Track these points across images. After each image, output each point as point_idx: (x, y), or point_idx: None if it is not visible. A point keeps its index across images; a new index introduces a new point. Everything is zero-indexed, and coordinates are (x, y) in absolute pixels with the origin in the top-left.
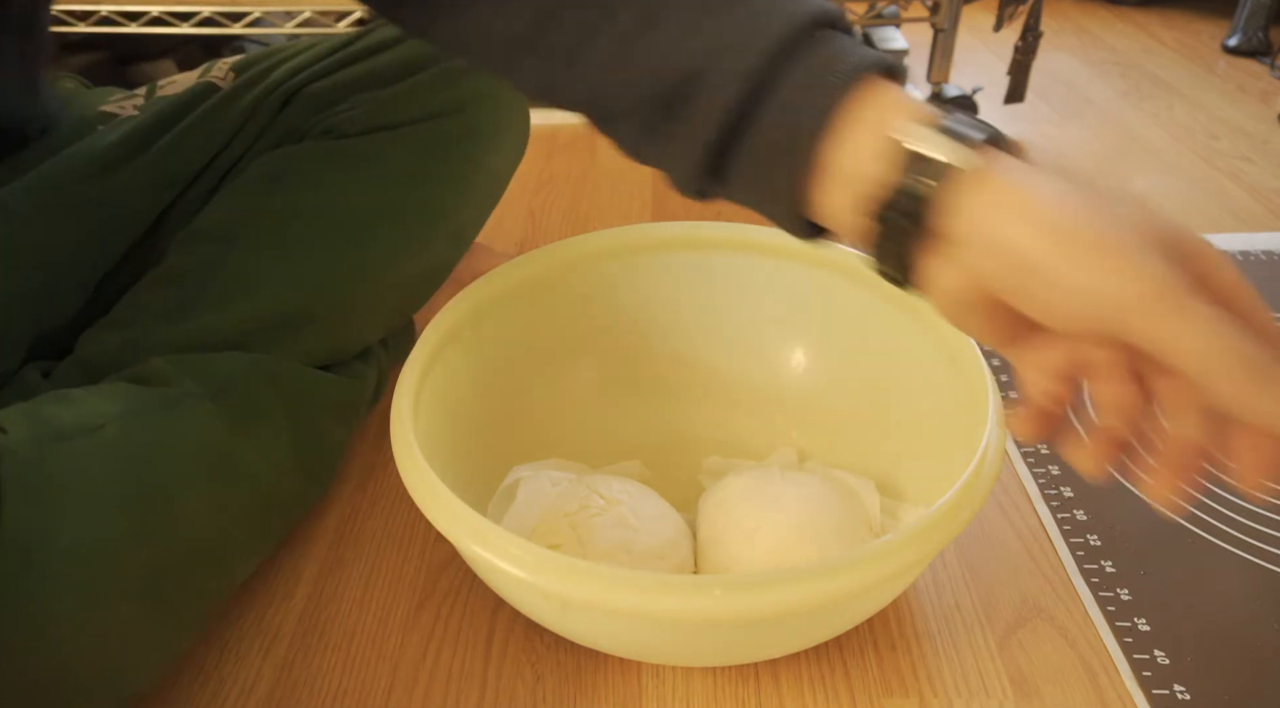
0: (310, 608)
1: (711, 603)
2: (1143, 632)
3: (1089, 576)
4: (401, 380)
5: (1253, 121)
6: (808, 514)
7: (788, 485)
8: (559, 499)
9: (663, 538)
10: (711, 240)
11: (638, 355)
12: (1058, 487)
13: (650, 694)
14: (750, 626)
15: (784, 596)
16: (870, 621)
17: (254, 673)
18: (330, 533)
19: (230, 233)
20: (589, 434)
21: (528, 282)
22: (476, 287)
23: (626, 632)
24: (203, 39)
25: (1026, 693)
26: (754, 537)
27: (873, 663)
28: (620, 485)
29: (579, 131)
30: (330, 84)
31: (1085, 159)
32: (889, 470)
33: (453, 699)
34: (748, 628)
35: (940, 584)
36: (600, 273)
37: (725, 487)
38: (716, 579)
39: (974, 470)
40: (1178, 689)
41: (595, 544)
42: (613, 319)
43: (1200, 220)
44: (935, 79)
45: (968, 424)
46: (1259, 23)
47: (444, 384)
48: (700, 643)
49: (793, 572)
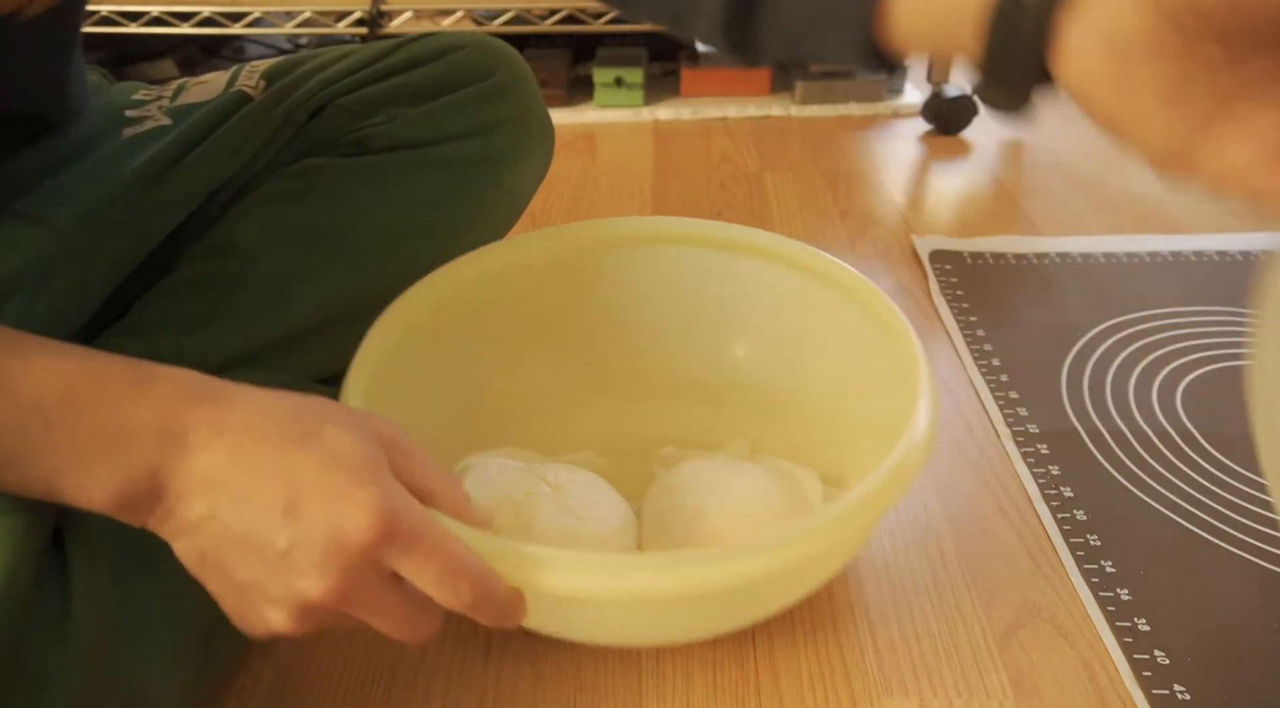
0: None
1: (628, 583)
2: (1143, 632)
3: (1089, 576)
4: (354, 367)
5: None
6: (750, 500)
7: (733, 473)
8: (506, 486)
9: (608, 525)
10: (668, 235)
11: (594, 349)
12: (1058, 487)
13: (650, 695)
14: (672, 604)
15: (704, 574)
16: (870, 620)
17: (254, 673)
18: None
19: (254, 247)
20: (545, 425)
21: (485, 275)
22: (435, 278)
23: (553, 610)
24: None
25: (1026, 693)
26: (696, 521)
27: (873, 663)
28: (568, 473)
29: (579, 131)
30: (362, 97)
31: (1085, 159)
32: (834, 461)
33: (453, 699)
34: (671, 606)
35: (940, 584)
36: (557, 268)
37: (673, 474)
38: (638, 558)
39: (900, 456)
40: (1178, 689)
41: (539, 530)
42: (569, 313)
43: (1200, 220)
44: (935, 79)
45: (904, 415)
46: None
47: (399, 374)
48: (629, 621)
49: (713, 552)
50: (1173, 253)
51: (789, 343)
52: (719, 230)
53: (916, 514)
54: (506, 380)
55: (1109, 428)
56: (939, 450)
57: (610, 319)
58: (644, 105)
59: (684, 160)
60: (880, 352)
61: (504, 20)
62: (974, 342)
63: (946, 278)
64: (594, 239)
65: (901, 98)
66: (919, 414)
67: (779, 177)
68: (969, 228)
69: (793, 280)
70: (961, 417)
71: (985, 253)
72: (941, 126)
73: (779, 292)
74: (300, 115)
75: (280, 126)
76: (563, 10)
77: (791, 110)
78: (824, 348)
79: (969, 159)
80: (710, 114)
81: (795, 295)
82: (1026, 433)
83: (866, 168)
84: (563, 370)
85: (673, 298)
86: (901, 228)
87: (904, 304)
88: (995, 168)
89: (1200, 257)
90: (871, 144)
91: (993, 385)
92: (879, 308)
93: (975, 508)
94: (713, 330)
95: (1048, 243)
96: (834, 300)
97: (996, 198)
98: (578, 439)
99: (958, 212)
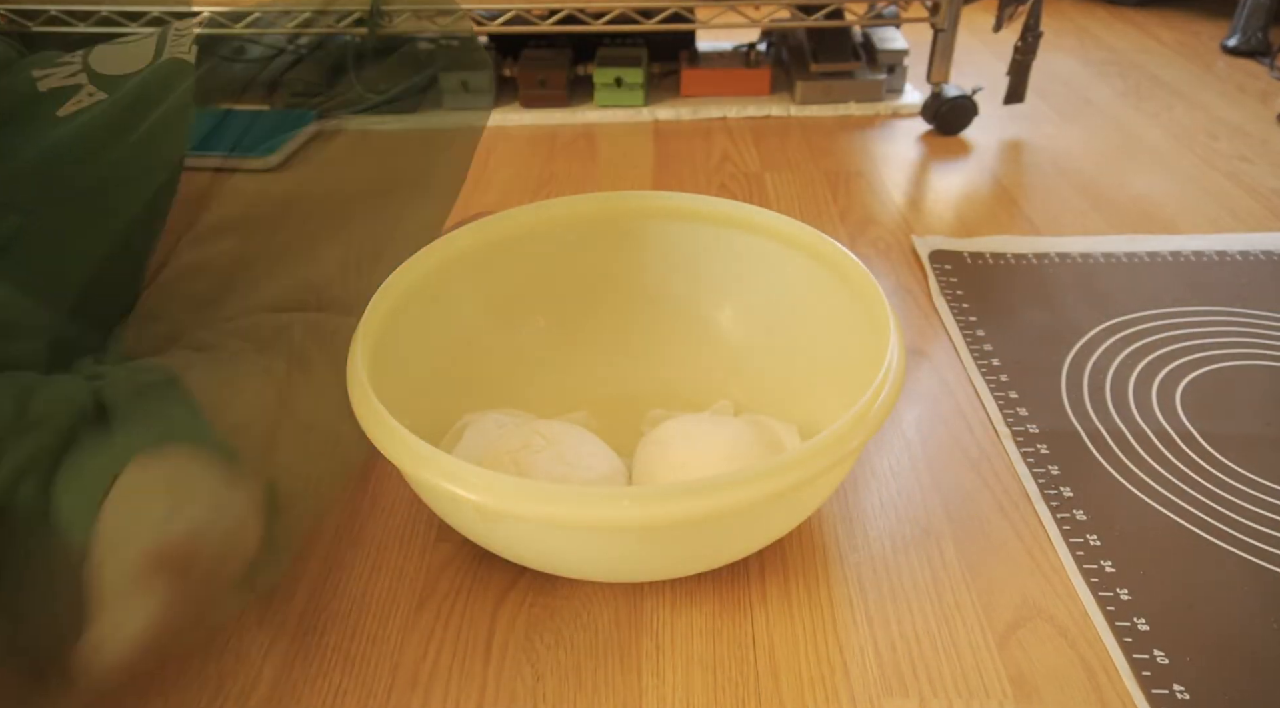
0: (310, 608)
1: (618, 511)
2: (1142, 632)
3: (1089, 576)
4: (359, 332)
5: (1252, 122)
6: (732, 451)
7: (717, 427)
8: (504, 439)
9: (598, 473)
10: (657, 210)
11: (587, 315)
12: (1058, 487)
13: (650, 694)
14: (654, 533)
15: (686, 506)
16: (870, 620)
17: (254, 673)
18: (330, 533)
19: (239, 223)
20: (539, 388)
21: (484, 244)
22: (435, 246)
23: (544, 542)
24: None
25: (1026, 693)
26: (681, 471)
27: (873, 663)
28: (562, 428)
29: (579, 131)
30: (312, 67)
31: (1085, 159)
32: (813, 417)
33: (453, 699)
34: (654, 536)
35: (940, 584)
36: (553, 238)
37: (661, 429)
38: (627, 490)
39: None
40: (1177, 689)
41: (534, 477)
42: (564, 281)
43: (1200, 220)
44: (935, 79)
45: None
46: (1258, 23)
47: (400, 338)
48: (616, 552)
49: (694, 484)
50: (1172, 253)
51: (770, 308)
52: (707, 204)
53: (916, 514)
54: (504, 345)
55: (1109, 428)
56: (939, 450)
57: (603, 288)
58: (644, 105)
59: (684, 160)
60: (853, 314)
61: (504, 20)
62: (974, 342)
63: (946, 278)
64: (591, 211)
65: (901, 98)
66: (887, 360)
67: (779, 176)
68: (969, 228)
69: (774, 251)
70: (961, 417)
71: (985, 253)
72: (941, 127)
73: (761, 261)
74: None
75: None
76: (563, 10)
77: (791, 110)
78: (802, 312)
79: (969, 159)
80: (710, 114)
81: (775, 264)
82: (1026, 433)
83: (866, 168)
84: (558, 335)
85: (662, 267)
86: (901, 228)
87: (903, 304)
88: (995, 168)
89: (1200, 257)
90: (871, 144)
91: (992, 385)
92: (852, 273)
93: (975, 508)
94: (700, 297)
95: (1048, 243)
96: (811, 268)
97: (996, 198)
98: (571, 401)
99: (957, 212)
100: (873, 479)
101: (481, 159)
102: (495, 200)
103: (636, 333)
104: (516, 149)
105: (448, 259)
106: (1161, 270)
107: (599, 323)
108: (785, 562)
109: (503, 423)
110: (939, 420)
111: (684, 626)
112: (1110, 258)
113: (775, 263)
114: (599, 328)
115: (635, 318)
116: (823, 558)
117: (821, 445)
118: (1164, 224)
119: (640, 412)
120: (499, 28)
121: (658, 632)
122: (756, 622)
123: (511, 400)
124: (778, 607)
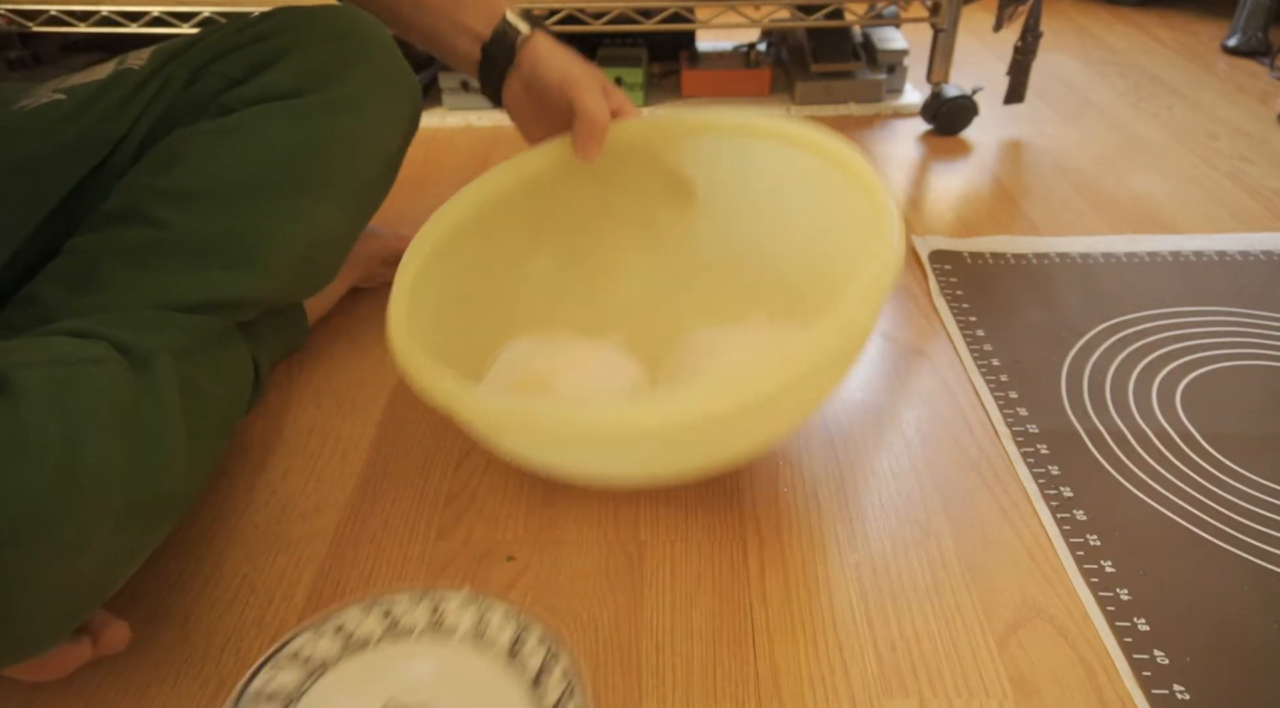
0: (310, 608)
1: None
2: (1142, 632)
3: (1089, 576)
4: (403, 264)
5: (1252, 122)
6: (746, 354)
7: (742, 333)
8: (534, 360)
9: (617, 388)
10: (685, 127)
11: (623, 241)
12: (1058, 487)
13: (650, 695)
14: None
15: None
16: (870, 620)
17: None
18: (330, 532)
19: (129, 213)
20: (580, 313)
21: (521, 179)
22: (480, 182)
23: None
24: None
25: (1026, 693)
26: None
27: (872, 663)
28: (589, 348)
29: None
30: (230, 61)
31: (1085, 159)
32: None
33: None
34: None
35: (940, 584)
36: (589, 171)
37: (685, 340)
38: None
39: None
40: (1177, 689)
41: (557, 394)
42: (603, 208)
43: (1200, 220)
44: (935, 79)
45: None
46: (1258, 23)
47: (447, 269)
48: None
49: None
50: (1172, 253)
51: (795, 216)
52: (731, 117)
53: (916, 514)
54: (545, 273)
55: (1108, 428)
56: (939, 450)
57: (635, 211)
58: (645, 105)
59: None
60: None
61: None
62: (974, 342)
63: (946, 278)
64: (622, 139)
65: (901, 98)
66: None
67: None
68: (969, 228)
69: (795, 158)
70: (961, 417)
71: (985, 253)
72: (941, 127)
73: (783, 170)
74: (177, 81)
75: (162, 87)
76: (563, 10)
77: (791, 110)
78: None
79: (969, 159)
80: None
81: (796, 172)
82: (1026, 433)
83: None
84: (595, 262)
85: (698, 184)
86: None
87: (903, 304)
88: (995, 168)
89: (1200, 257)
90: (871, 144)
91: (992, 385)
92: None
93: (975, 508)
94: (729, 212)
95: (1048, 243)
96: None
97: (996, 198)
98: (611, 323)
99: (957, 212)
100: (873, 479)
101: (482, 158)
102: None
103: (672, 253)
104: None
105: (487, 195)
106: (1161, 270)
107: (635, 247)
108: (785, 562)
109: (539, 347)
110: (939, 420)
111: (684, 626)
112: (1110, 258)
113: (804, 173)
114: (635, 252)
115: (670, 237)
116: (823, 558)
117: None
118: (1164, 224)
119: (681, 329)
120: None
121: (658, 632)
122: (756, 622)
123: (555, 323)
124: (778, 607)
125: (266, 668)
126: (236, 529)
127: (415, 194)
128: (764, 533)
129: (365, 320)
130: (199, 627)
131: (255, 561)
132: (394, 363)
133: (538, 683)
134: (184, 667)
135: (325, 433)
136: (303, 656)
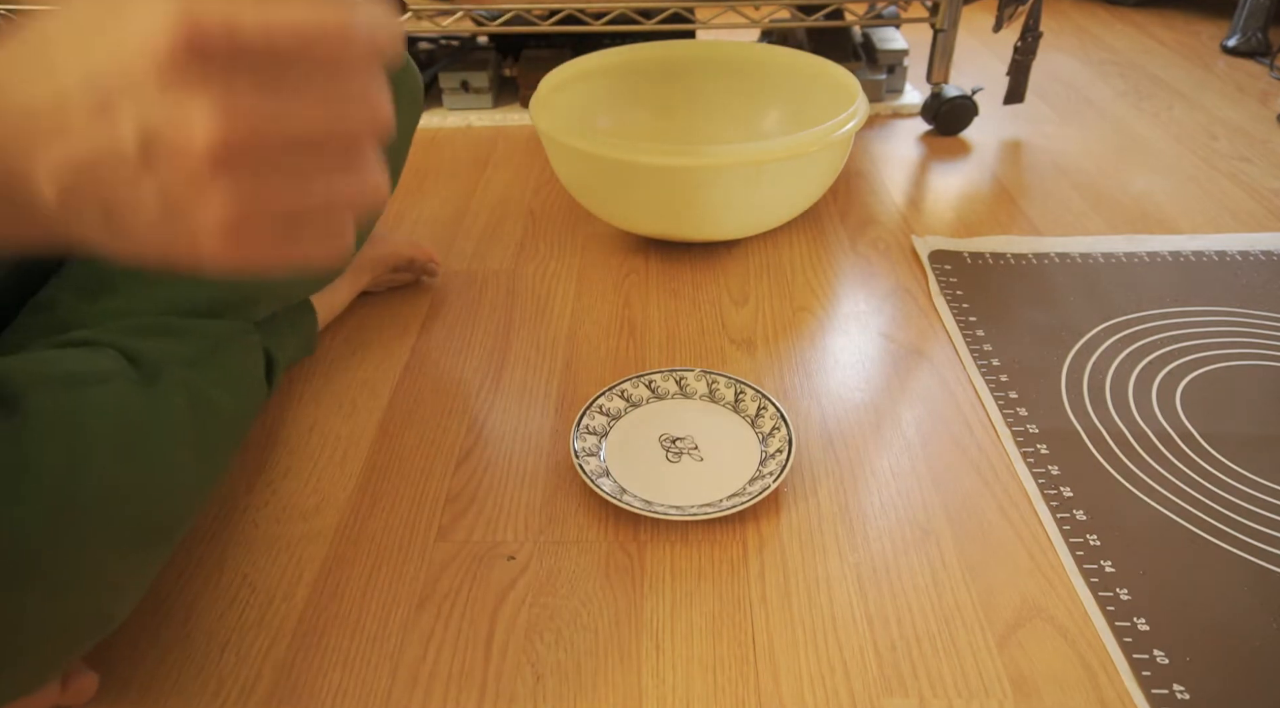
0: (310, 608)
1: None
2: (1142, 632)
3: (1089, 576)
4: (543, 83)
5: (1252, 122)
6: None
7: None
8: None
9: None
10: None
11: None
12: (1058, 487)
13: (650, 694)
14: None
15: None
16: (870, 620)
17: (254, 672)
18: (330, 533)
19: None
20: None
21: (606, 64)
22: (581, 60)
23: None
24: None
25: (1026, 693)
26: None
27: (873, 663)
28: None
29: None
30: None
31: (1085, 159)
32: None
33: (452, 700)
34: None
35: (940, 584)
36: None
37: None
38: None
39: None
40: (1177, 689)
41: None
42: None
43: (1200, 220)
44: (935, 79)
45: None
46: (1258, 23)
47: (570, 95)
48: (698, 197)
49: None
50: (1172, 253)
51: (797, 114)
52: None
53: (916, 514)
54: (617, 124)
55: (1108, 428)
56: (939, 450)
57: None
58: None
59: None
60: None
61: (504, 20)
62: (974, 342)
63: (946, 278)
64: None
65: (901, 98)
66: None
67: None
68: (969, 228)
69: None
70: (961, 417)
71: (985, 253)
72: (941, 127)
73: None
74: None
75: None
76: (563, 10)
77: None
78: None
79: (969, 159)
80: None
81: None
82: (1026, 433)
83: (866, 168)
84: (658, 120)
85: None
86: (901, 228)
87: (903, 304)
88: (995, 168)
89: (1200, 257)
90: (871, 144)
91: (992, 385)
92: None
93: (975, 508)
94: (750, 111)
95: (1047, 243)
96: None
97: (996, 198)
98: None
99: (957, 212)
100: (873, 479)
101: (482, 159)
102: (496, 199)
103: (704, 131)
104: (516, 149)
105: (588, 67)
106: (1161, 270)
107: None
108: (785, 562)
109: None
110: (939, 420)
111: (684, 626)
112: (1110, 258)
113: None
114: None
115: (705, 120)
116: (823, 558)
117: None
118: (1164, 224)
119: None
120: (499, 28)
121: (658, 632)
122: (756, 622)
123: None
124: (778, 607)
125: (587, 414)
126: (236, 529)
127: (415, 194)
128: (764, 533)
129: (365, 321)
130: (199, 627)
131: (255, 561)
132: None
133: (755, 423)
134: (184, 667)
135: (325, 433)
136: (604, 409)
